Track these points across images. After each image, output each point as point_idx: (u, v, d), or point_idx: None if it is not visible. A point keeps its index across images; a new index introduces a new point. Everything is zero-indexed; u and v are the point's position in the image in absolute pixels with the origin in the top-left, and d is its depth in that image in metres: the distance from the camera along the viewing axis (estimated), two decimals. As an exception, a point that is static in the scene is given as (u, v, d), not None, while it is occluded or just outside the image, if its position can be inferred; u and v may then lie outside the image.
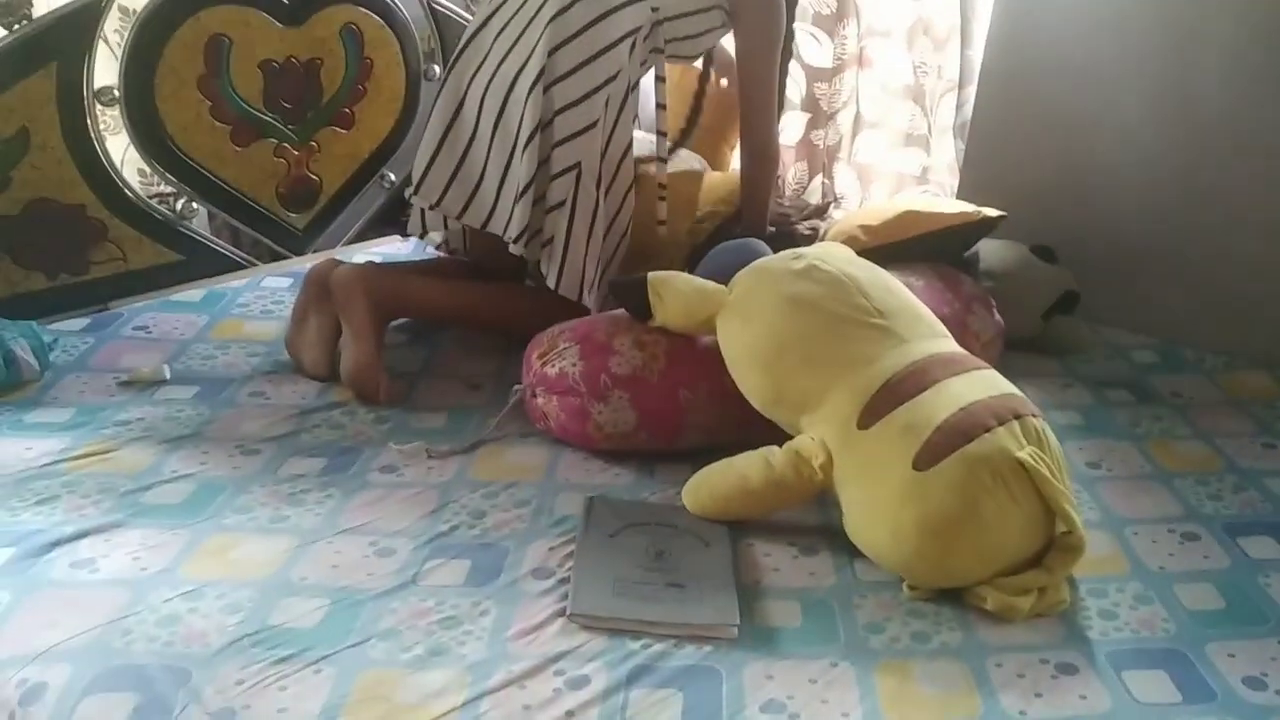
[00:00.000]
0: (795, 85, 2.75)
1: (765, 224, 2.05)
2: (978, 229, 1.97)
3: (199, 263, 2.20)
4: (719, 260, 1.86)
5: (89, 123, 2.00)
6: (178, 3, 2.08)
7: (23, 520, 1.36)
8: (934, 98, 2.56)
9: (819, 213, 2.38)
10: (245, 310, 2.04)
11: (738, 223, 2.06)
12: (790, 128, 2.76)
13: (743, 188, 2.05)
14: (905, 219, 1.93)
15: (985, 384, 1.42)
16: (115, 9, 2.06)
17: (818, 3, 2.64)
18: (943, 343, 1.51)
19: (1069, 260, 2.14)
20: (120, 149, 2.15)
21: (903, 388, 1.38)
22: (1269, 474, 1.64)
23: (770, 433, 1.48)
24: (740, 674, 1.17)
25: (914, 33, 2.55)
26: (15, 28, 1.87)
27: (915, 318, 1.52)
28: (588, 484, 1.52)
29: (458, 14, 2.48)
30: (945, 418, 1.33)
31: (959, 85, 2.48)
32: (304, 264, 2.24)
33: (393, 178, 2.47)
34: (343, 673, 1.14)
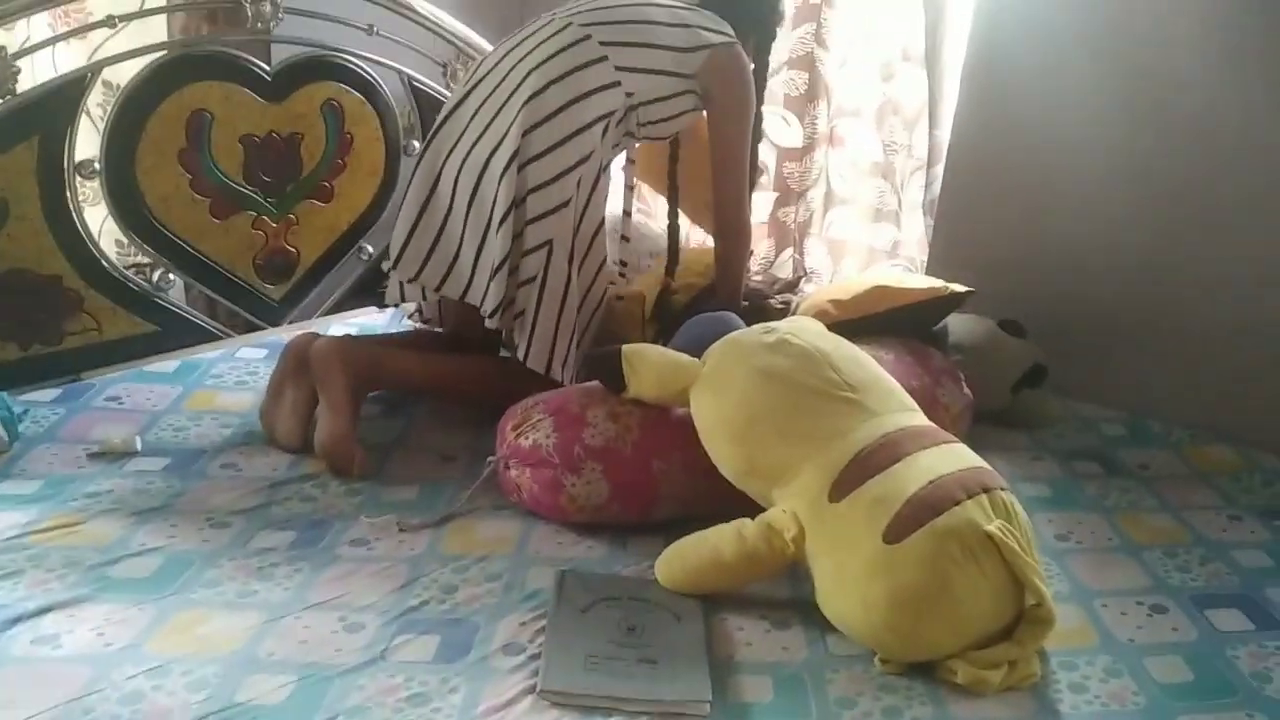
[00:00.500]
0: (763, 166, 2.80)
1: (739, 297, 2.08)
2: (946, 304, 2.01)
3: (174, 333, 2.20)
4: (693, 332, 1.88)
5: (68, 195, 2.01)
6: (162, 78, 2.12)
7: (-15, 595, 1.34)
8: (903, 175, 2.62)
9: (791, 287, 2.42)
10: (219, 381, 2.04)
11: (712, 295, 2.09)
12: (759, 207, 2.82)
13: (716, 263, 2.09)
14: (875, 294, 1.97)
15: (954, 458, 1.44)
16: (99, 83, 2.09)
17: (788, 85, 2.72)
18: (912, 416, 1.53)
19: (1037, 334, 2.18)
20: (98, 220, 2.16)
21: (873, 461, 1.40)
22: (1235, 546, 1.67)
23: (744, 504, 1.49)
24: (711, 751, 1.16)
25: (883, 113, 2.62)
26: (0, 101, 1.89)
27: (886, 391, 1.54)
28: (560, 557, 1.52)
29: (437, 90, 2.53)
30: (915, 491, 1.35)
31: (928, 164, 2.54)
32: (280, 335, 2.25)
33: (370, 250, 2.49)
34: (308, 751, 1.12)
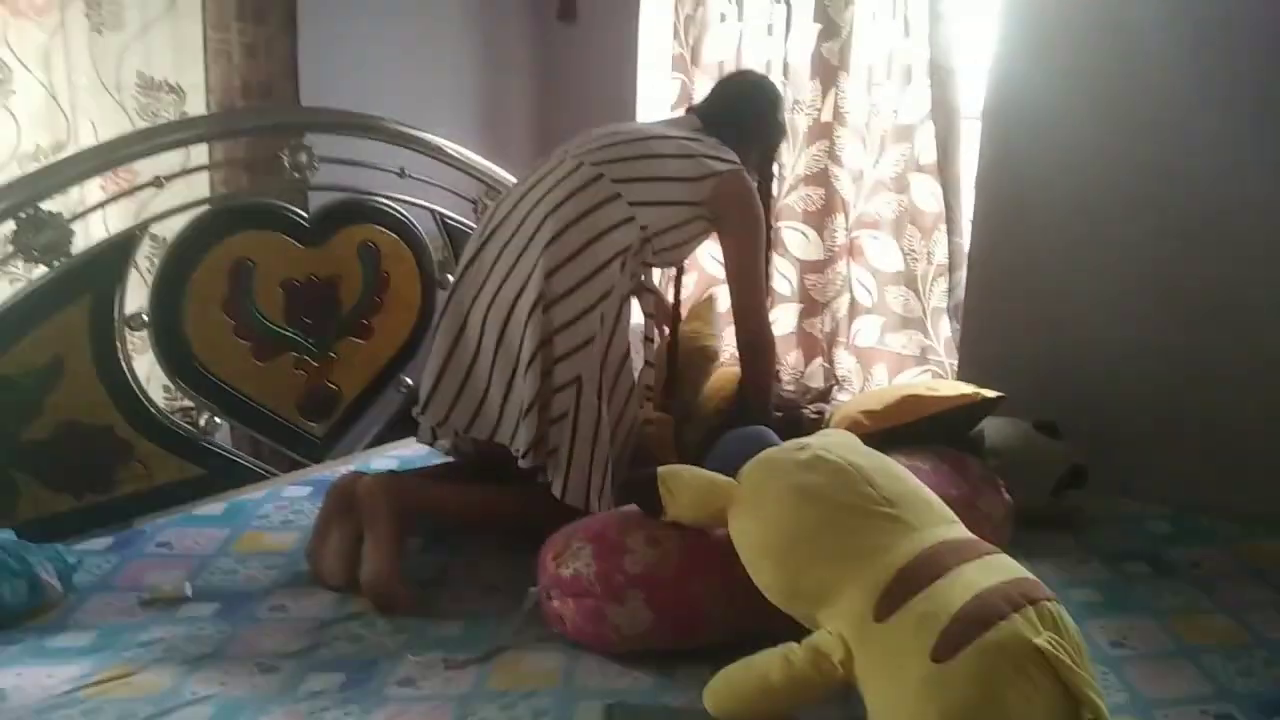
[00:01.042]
0: (786, 279, 2.87)
1: (769, 411, 2.10)
2: (979, 409, 2.02)
3: (221, 476, 2.24)
4: (728, 450, 1.90)
5: (118, 347, 2.08)
6: (205, 231, 2.21)
7: (41, 754, 1.36)
8: (926, 282, 2.66)
9: (823, 396, 2.45)
10: (266, 522, 2.07)
11: (744, 411, 2.11)
12: (783, 319, 2.87)
13: (743, 379, 2.12)
14: (907, 403, 1.98)
15: (998, 569, 1.43)
16: (147, 237, 2.19)
17: (805, 200, 2.79)
18: (952, 528, 1.53)
19: (1073, 433, 2.18)
20: (145, 368, 2.23)
21: (915, 577, 1.39)
22: (1298, 646, 1.63)
23: (791, 625, 1.48)
24: None
25: (900, 223, 2.68)
26: (54, 264, 1.98)
27: (924, 504, 1.54)
28: (607, 689, 1.51)
29: (467, 225, 2.63)
30: (960, 607, 1.34)
31: (950, 269, 2.58)
32: (323, 471, 2.30)
33: (410, 382, 2.55)
34: None
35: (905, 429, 1.93)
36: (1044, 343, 2.38)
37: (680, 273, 2.32)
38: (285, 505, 2.15)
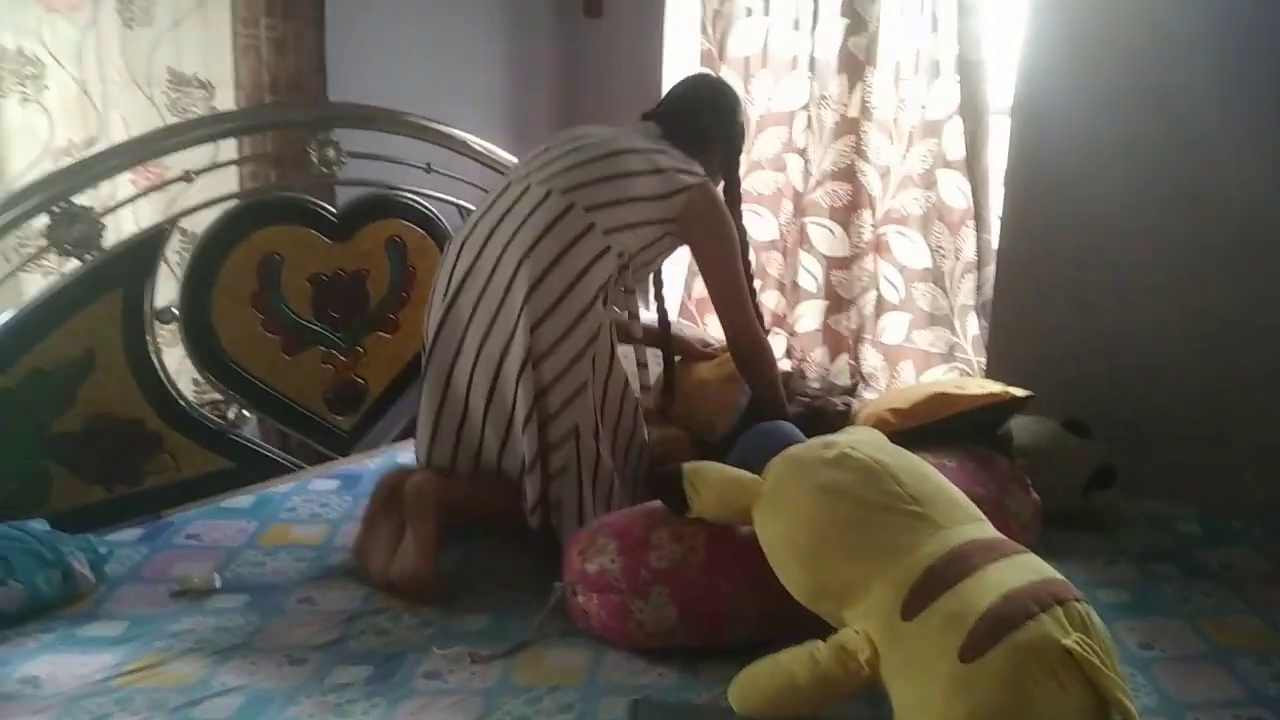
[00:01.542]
0: (811, 275, 2.86)
1: (782, 406, 2.10)
2: (1007, 408, 2.00)
3: (248, 468, 2.26)
4: (751, 446, 1.90)
5: (149, 341, 2.10)
6: (235, 225, 2.23)
7: (75, 741, 1.37)
8: (953, 278, 2.64)
9: (848, 393, 2.43)
10: (293, 515, 2.09)
11: (759, 411, 2.09)
12: (809, 315, 2.86)
13: (749, 384, 2.11)
14: (934, 401, 1.97)
15: (1026, 569, 1.42)
16: (176, 231, 2.21)
17: (831, 196, 2.77)
18: (980, 527, 1.52)
19: (1103, 432, 2.16)
20: (175, 361, 2.25)
21: (943, 576, 1.39)
22: (1332, 650, 1.61)
23: (816, 623, 1.48)
24: None
25: (928, 219, 2.66)
26: (86, 258, 2.00)
27: (951, 503, 1.54)
28: (631, 685, 1.51)
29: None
30: (987, 606, 1.33)
31: (978, 266, 2.56)
32: (349, 465, 2.31)
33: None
34: None
35: (932, 427, 1.92)
36: (1073, 341, 2.36)
37: (660, 286, 2.26)
38: (312, 499, 2.16)
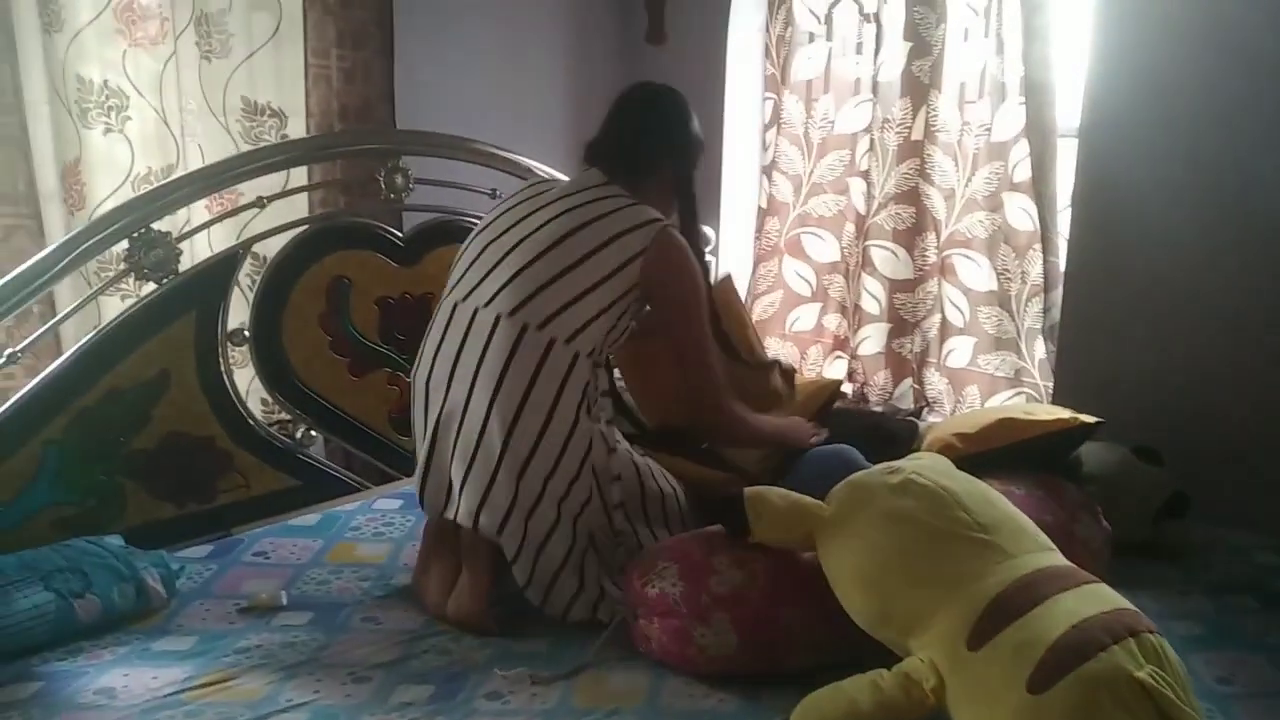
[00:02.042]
0: (874, 298, 2.84)
1: (791, 443, 1.99)
2: (1077, 435, 1.96)
3: (315, 487, 2.30)
4: (812, 470, 1.89)
5: (221, 362, 2.16)
6: (305, 249, 2.29)
7: (147, 753, 1.40)
8: (1020, 302, 2.61)
9: (913, 416, 2.41)
10: (358, 533, 2.12)
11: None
12: (871, 338, 2.84)
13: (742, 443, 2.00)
14: (1001, 426, 1.94)
15: (1097, 599, 1.39)
16: (248, 255, 2.27)
17: (894, 219, 2.76)
18: (1049, 556, 1.49)
19: (1175, 459, 2.10)
20: (244, 381, 2.31)
21: (1011, 605, 1.36)
22: None
23: (879, 651, 1.46)
24: None
25: (994, 242, 2.63)
26: (164, 281, 2.06)
27: (1019, 530, 1.51)
28: (692, 710, 1.50)
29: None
30: (1057, 637, 1.30)
31: (1045, 289, 2.53)
32: (412, 485, 2.33)
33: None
34: None
35: (1000, 453, 1.89)
36: (1143, 366, 2.31)
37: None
38: (377, 517, 2.19)
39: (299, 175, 2.43)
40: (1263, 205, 2.12)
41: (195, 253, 2.26)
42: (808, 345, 3.04)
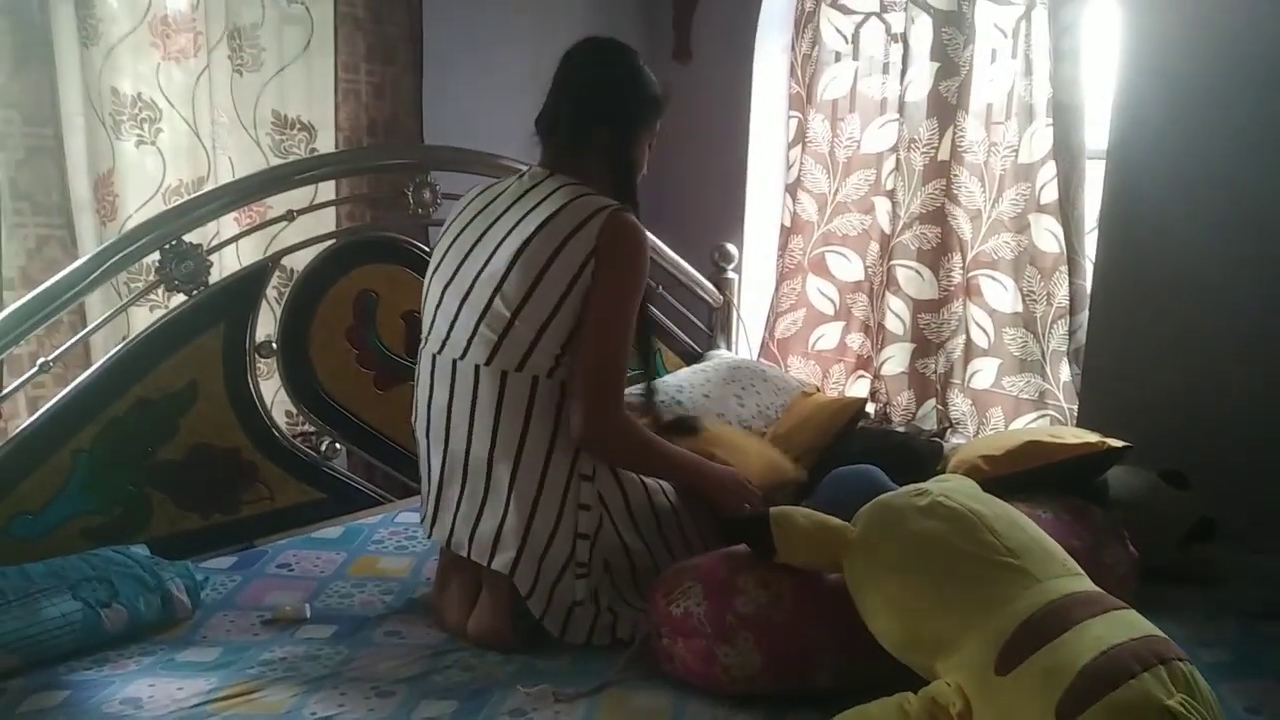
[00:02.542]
0: (898, 318, 2.83)
1: (705, 488, 1.86)
2: (1104, 460, 1.95)
3: (339, 500, 2.31)
4: (838, 491, 1.88)
5: (249, 374, 2.17)
6: (333, 263, 2.30)
7: (172, 764, 1.41)
8: (1045, 324, 2.60)
9: (936, 437, 2.40)
10: (381, 547, 2.13)
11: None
12: (895, 357, 2.84)
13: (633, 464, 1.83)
14: (1028, 449, 1.93)
15: (1126, 625, 1.38)
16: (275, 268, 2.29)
17: (919, 239, 2.75)
18: (1077, 580, 1.48)
19: (1202, 483, 2.08)
20: (269, 393, 2.32)
21: (1039, 630, 1.35)
22: None
23: (905, 674, 1.45)
24: None
25: (1020, 264, 2.62)
26: (194, 293, 2.08)
27: (1047, 555, 1.50)
28: (717, 730, 1.50)
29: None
30: (1087, 663, 1.29)
31: (1070, 311, 2.52)
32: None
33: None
34: None
35: (1026, 475, 1.88)
36: (1170, 389, 2.30)
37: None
38: (400, 531, 2.20)
39: (327, 189, 2.45)
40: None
41: (224, 265, 2.28)
42: (830, 364, 3.04)
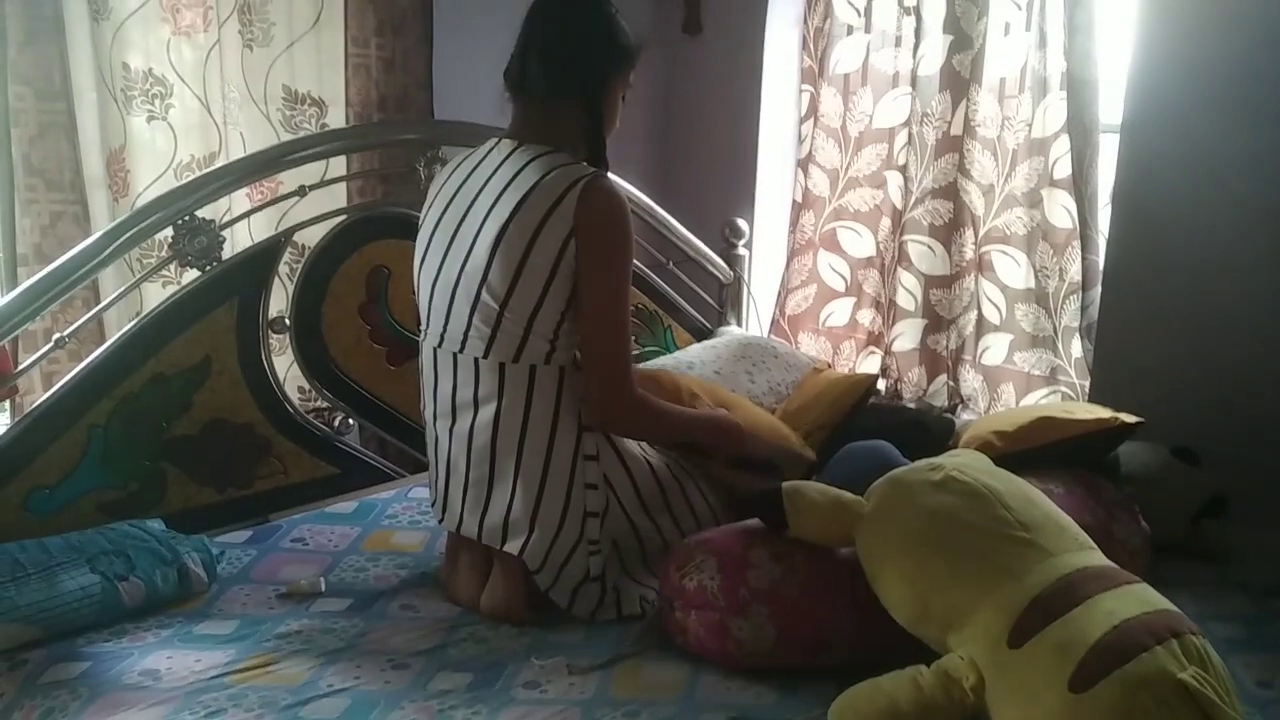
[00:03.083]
0: (910, 294, 2.83)
1: (713, 443, 1.88)
2: (1116, 436, 1.95)
3: (352, 475, 2.32)
4: (850, 466, 1.89)
5: (262, 349, 2.18)
6: (346, 238, 2.30)
7: (192, 733, 1.43)
8: (1057, 299, 2.59)
9: (947, 413, 2.40)
10: (394, 521, 2.14)
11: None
12: (906, 333, 2.83)
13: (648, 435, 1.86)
14: (1040, 425, 1.93)
15: (1139, 600, 1.38)
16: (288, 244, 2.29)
17: (932, 214, 2.74)
18: (1090, 555, 1.48)
19: (1214, 459, 2.09)
20: (282, 369, 2.32)
21: (1053, 604, 1.36)
22: None
23: (918, 646, 1.46)
24: None
25: (1032, 239, 2.61)
26: (207, 269, 2.08)
27: (1060, 529, 1.50)
28: (729, 703, 1.50)
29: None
30: (1099, 637, 1.30)
31: (1083, 287, 2.51)
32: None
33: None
34: None
35: (1038, 451, 1.88)
36: (1182, 365, 2.29)
37: None
38: (412, 506, 2.21)
39: (338, 164, 2.45)
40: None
41: (235, 241, 2.28)
42: (841, 340, 3.03)
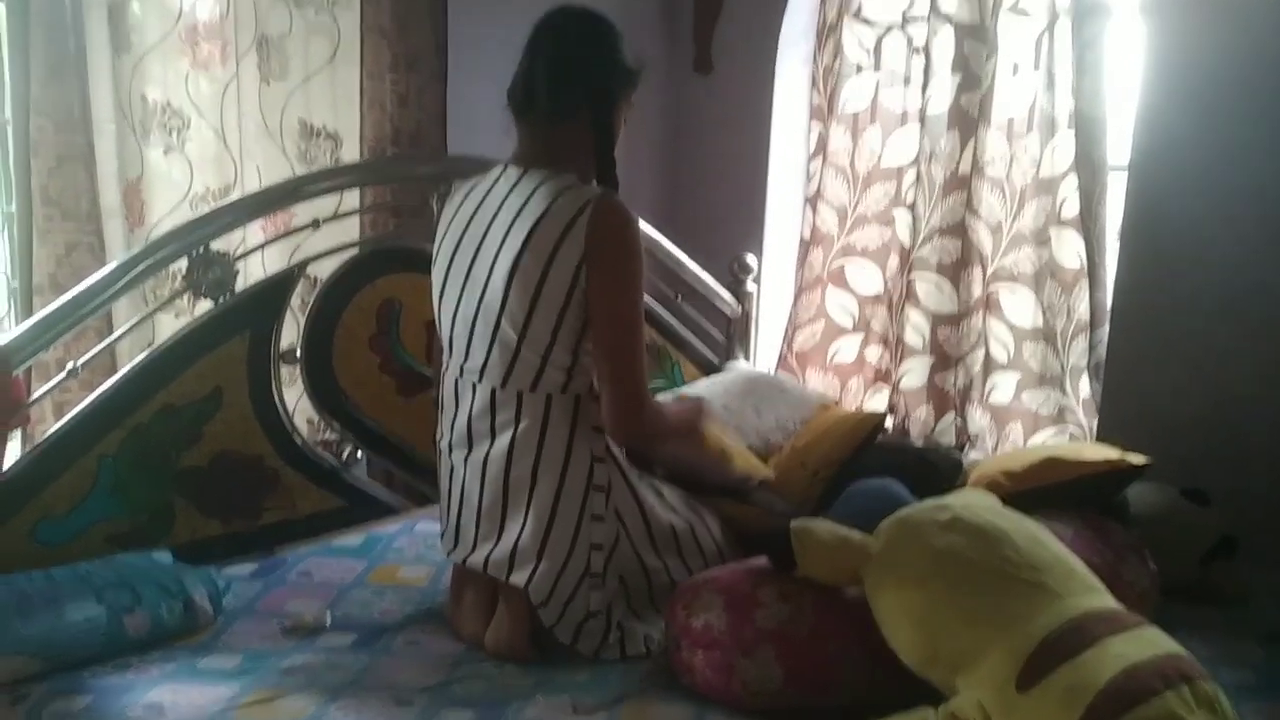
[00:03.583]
0: (918, 332, 2.83)
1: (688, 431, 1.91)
2: (1124, 476, 1.95)
3: (359, 508, 2.32)
4: (857, 505, 1.88)
5: (273, 381, 2.18)
6: (358, 271, 2.32)
7: (196, 770, 1.42)
8: (1065, 338, 2.59)
9: (956, 451, 2.40)
10: (400, 555, 2.13)
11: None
12: (914, 371, 2.83)
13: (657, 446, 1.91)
14: (1048, 465, 1.93)
15: (1148, 643, 1.38)
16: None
17: (940, 252, 2.75)
18: (1099, 597, 1.48)
19: (1227, 501, 2.07)
20: (291, 400, 2.33)
21: (1061, 646, 1.36)
22: None
23: (926, 689, 1.45)
24: None
25: (1040, 277, 2.61)
26: (219, 300, 2.10)
27: (1068, 571, 1.50)
28: (736, 743, 1.50)
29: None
30: (1108, 680, 1.30)
31: (1090, 326, 2.51)
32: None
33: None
34: None
35: (1046, 491, 1.88)
36: (1191, 405, 2.29)
37: None
38: (418, 540, 2.20)
39: (351, 198, 2.47)
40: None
41: (249, 273, 2.29)
42: (849, 377, 3.03)
